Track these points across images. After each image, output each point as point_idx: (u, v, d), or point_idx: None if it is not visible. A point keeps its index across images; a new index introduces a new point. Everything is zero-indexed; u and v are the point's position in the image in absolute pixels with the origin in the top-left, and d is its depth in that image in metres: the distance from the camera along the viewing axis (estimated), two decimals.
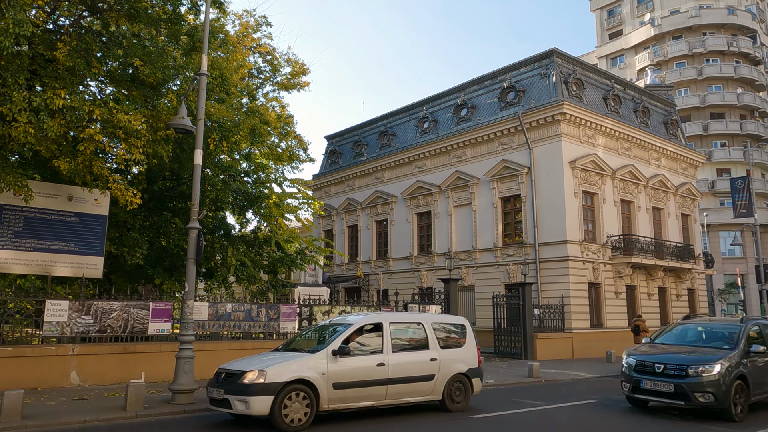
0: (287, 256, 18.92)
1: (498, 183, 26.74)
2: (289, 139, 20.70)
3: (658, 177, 29.15)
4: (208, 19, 11.69)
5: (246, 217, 18.99)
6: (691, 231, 31.60)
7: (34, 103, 9.88)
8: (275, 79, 22.12)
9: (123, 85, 13.07)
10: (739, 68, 50.30)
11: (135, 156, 11.55)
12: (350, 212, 35.22)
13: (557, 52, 26.40)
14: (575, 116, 24.85)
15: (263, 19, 21.08)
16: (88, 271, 13.40)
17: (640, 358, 10.75)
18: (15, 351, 11.53)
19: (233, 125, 15.08)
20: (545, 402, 11.74)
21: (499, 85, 28.20)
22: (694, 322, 12.55)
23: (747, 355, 10.38)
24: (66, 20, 12.69)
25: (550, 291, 23.90)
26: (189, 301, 10.72)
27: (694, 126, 49.52)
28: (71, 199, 13.44)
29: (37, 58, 11.25)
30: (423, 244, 30.51)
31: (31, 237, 12.90)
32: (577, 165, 24.69)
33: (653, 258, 26.36)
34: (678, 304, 29.10)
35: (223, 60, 15.74)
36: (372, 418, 9.68)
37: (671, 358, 10.37)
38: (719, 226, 46.85)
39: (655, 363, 10.36)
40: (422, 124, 31.77)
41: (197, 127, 11.18)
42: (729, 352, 10.24)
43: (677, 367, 10.01)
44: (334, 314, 16.70)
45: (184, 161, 16.08)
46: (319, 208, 22.80)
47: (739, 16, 51.50)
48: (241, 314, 14.86)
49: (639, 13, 56.67)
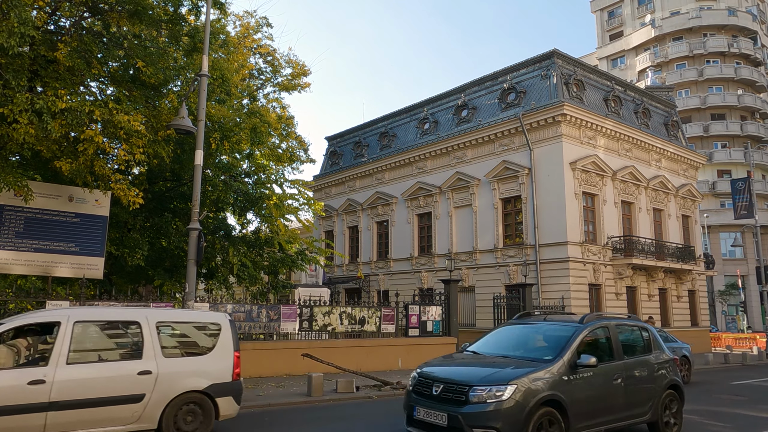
0: (288, 257, 18.92)
1: (498, 184, 26.74)
2: (290, 139, 20.69)
3: (659, 178, 29.14)
4: (209, 20, 11.71)
5: (247, 218, 18.98)
6: (692, 232, 31.59)
7: (37, 105, 9.90)
8: (276, 80, 22.12)
9: (124, 85, 13.08)
10: (739, 69, 50.32)
11: (136, 156, 11.56)
12: (351, 213, 35.22)
13: (558, 53, 26.42)
14: (576, 117, 24.86)
15: (264, 20, 21.10)
16: (88, 272, 13.40)
17: (424, 371, 7.58)
18: None
19: (234, 125, 15.08)
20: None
21: (500, 86, 28.21)
22: (523, 322, 8.92)
23: (572, 371, 7.16)
24: (67, 21, 12.70)
25: (551, 292, 23.89)
26: (189, 302, 10.73)
27: (695, 127, 49.53)
28: (72, 200, 13.44)
29: (38, 59, 11.26)
30: (423, 245, 30.51)
31: (32, 237, 12.90)
32: (578, 166, 24.69)
33: (654, 259, 26.35)
34: (679, 305, 29.09)
35: (224, 61, 15.74)
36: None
37: (454, 374, 7.33)
38: (720, 228, 46.83)
39: (435, 381, 7.22)
40: (423, 125, 31.78)
41: (198, 127, 11.19)
42: (541, 366, 7.05)
43: (456, 389, 6.90)
44: (334, 315, 16.71)
45: (185, 162, 16.09)
46: (320, 209, 22.79)
47: (739, 18, 51.52)
48: (242, 315, 14.87)
49: (639, 15, 56.70)
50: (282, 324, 15.54)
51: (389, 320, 17.92)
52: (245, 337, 14.93)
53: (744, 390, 14.93)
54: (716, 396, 13.71)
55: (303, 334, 16.07)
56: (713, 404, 12.34)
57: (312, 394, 11.71)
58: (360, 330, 17.28)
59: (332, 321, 16.64)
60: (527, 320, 9.05)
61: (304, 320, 16.05)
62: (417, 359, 17.87)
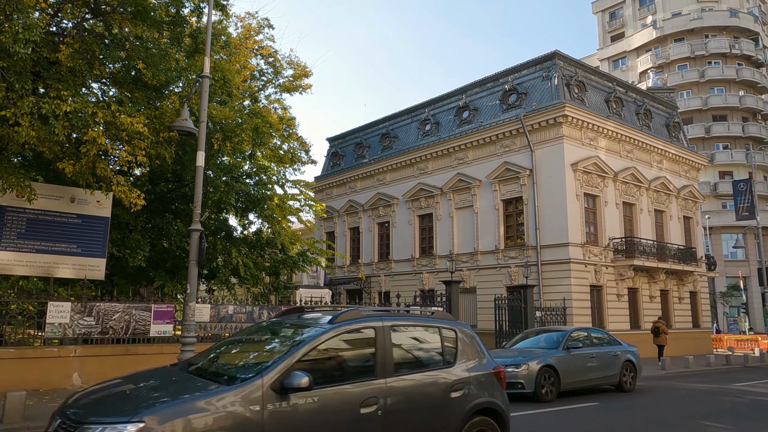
0: (289, 258, 18.94)
1: (500, 185, 26.74)
2: (291, 141, 20.73)
3: (660, 179, 29.12)
4: (210, 22, 11.72)
5: (248, 219, 18.99)
6: (693, 233, 31.55)
7: (44, 110, 9.93)
8: (277, 81, 22.17)
9: (126, 87, 13.10)
10: (741, 71, 50.30)
11: (138, 158, 11.58)
12: (352, 214, 35.23)
13: (559, 54, 26.42)
14: (577, 118, 24.86)
15: (265, 21, 21.14)
16: (90, 273, 13.42)
17: None
18: (17, 352, 11.55)
19: (236, 126, 15.10)
20: (547, 404, 11.73)
21: (501, 88, 28.21)
22: (279, 321, 6.39)
23: (277, 398, 4.59)
24: (69, 23, 12.73)
25: (552, 293, 23.88)
26: (191, 302, 10.73)
27: (696, 128, 49.51)
28: (74, 201, 13.47)
29: (41, 61, 11.28)
30: (425, 246, 30.51)
31: (34, 239, 12.92)
32: (579, 167, 24.69)
33: (655, 260, 26.32)
34: (680, 306, 29.05)
35: (226, 62, 15.77)
36: None
37: None
38: (721, 229, 46.79)
39: None
40: (424, 126, 31.79)
41: (199, 129, 11.20)
42: (221, 391, 4.54)
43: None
44: None
45: (187, 163, 16.11)
46: (321, 210, 22.80)
47: (741, 19, 51.49)
48: (243, 316, 14.88)
49: (641, 16, 56.70)
50: None
51: None
52: None
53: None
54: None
55: None
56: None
57: None
58: None
59: None
60: (287, 318, 6.38)
61: None
62: None
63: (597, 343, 14.00)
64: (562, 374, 12.28)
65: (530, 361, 12.03)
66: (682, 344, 26.43)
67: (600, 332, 14.88)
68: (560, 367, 12.30)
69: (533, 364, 11.95)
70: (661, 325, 22.49)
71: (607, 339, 14.59)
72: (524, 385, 11.74)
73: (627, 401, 12.58)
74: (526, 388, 11.74)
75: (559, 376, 12.21)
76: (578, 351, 13.06)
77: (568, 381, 12.45)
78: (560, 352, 12.72)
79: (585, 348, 13.35)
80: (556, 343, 13.19)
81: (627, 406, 11.90)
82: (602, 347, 13.94)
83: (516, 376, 11.77)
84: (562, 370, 12.30)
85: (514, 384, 11.62)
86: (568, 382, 12.49)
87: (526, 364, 11.92)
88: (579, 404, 11.89)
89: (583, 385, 13.14)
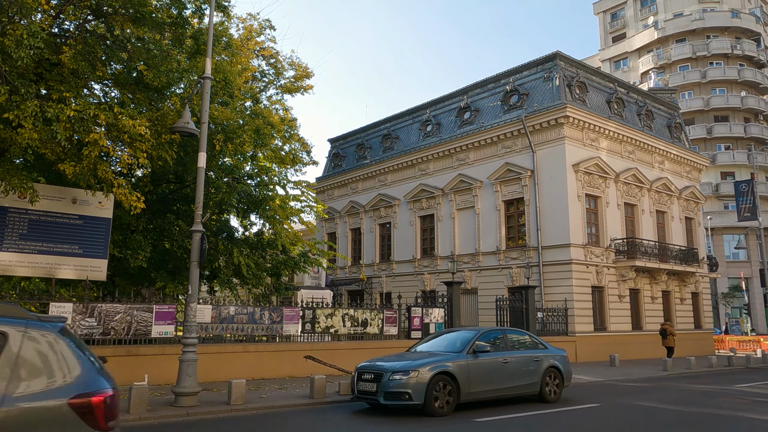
0: (290, 259, 18.95)
1: (501, 186, 26.74)
2: (293, 142, 20.72)
3: (662, 180, 29.09)
4: (212, 23, 11.74)
5: (250, 220, 19.00)
6: (695, 234, 31.52)
7: (48, 114, 9.95)
8: (279, 83, 22.19)
9: (127, 88, 13.12)
10: (743, 71, 50.26)
11: (140, 160, 11.60)
12: (353, 215, 35.24)
13: (560, 55, 26.42)
14: (578, 119, 24.85)
15: (267, 22, 21.15)
16: (91, 274, 13.44)
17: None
18: None
19: (237, 127, 15.12)
20: (548, 406, 11.71)
21: (502, 89, 28.21)
22: None
23: None
24: (71, 24, 12.75)
25: (554, 294, 23.86)
26: (192, 303, 10.74)
27: (698, 129, 49.48)
28: (75, 202, 13.49)
29: (43, 62, 11.31)
30: (426, 247, 30.51)
31: (36, 240, 12.94)
32: (581, 168, 24.67)
33: (657, 261, 26.29)
34: (682, 307, 29.02)
35: (227, 63, 15.79)
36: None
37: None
38: (723, 230, 46.74)
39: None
40: (425, 127, 31.80)
41: (201, 130, 11.21)
42: None
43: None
44: (337, 317, 16.71)
45: (188, 164, 16.12)
46: (322, 211, 22.79)
47: (743, 19, 51.46)
48: (244, 317, 14.88)
49: (642, 17, 56.67)
50: (285, 326, 15.55)
51: (392, 322, 17.91)
52: (248, 339, 14.95)
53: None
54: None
55: (305, 336, 16.07)
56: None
57: (314, 396, 11.71)
58: (362, 332, 17.27)
59: (335, 323, 16.64)
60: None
61: (306, 322, 16.06)
62: None
63: (515, 347, 12.20)
64: (464, 383, 10.53)
65: (421, 367, 10.23)
66: (684, 345, 26.38)
67: (520, 333, 13.16)
68: (461, 375, 10.54)
69: (424, 371, 10.15)
70: (668, 327, 22.63)
71: (529, 342, 12.69)
72: (411, 396, 9.94)
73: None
74: (413, 399, 9.94)
75: (459, 385, 10.44)
76: (487, 356, 11.20)
77: (472, 391, 10.69)
78: (463, 357, 10.84)
79: (497, 352, 11.54)
80: (461, 346, 11.28)
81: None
82: (520, 351, 12.14)
83: (403, 385, 10.00)
84: (463, 379, 10.54)
85: (400, 394, 9.96)
86: (473, 392, 10.71)
87: (416, 370, 10.11)
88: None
89: (493, 395, 11.24)
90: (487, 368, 11.09)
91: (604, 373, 18.64)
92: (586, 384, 16.11)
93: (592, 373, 18.52)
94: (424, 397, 9.96)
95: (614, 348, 23.12)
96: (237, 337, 14.83)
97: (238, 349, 14.16)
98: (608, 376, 17.60)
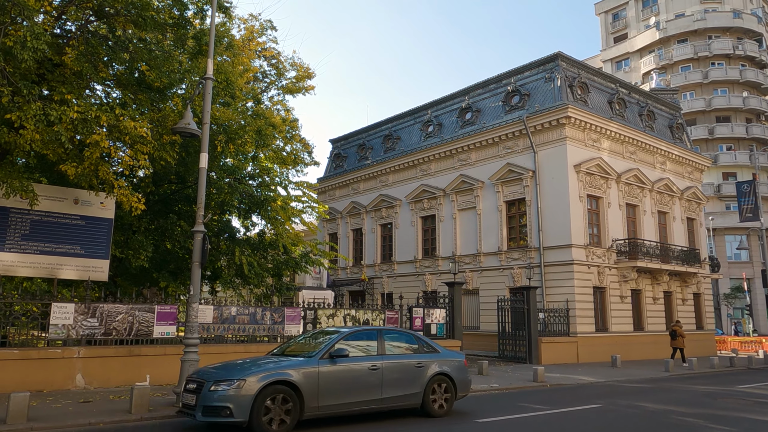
0: (292, 260, 18.96)
1: (503, 186, 26.73)
2: (294, 142, 20.74)
3: (664, 181, 29.07)
4: (214, 24, 11.76)
5: (251, 221, 19.01)
6: (697, 235, 31.48)
7: (51, 117, 9.98)
8: (280, 83, 22.21)
9: (129, 88, 13.14)
10: (744, 72, 50.21)
11: (140, 162, 11.62)
12: (355, 215, 35.25)
13: (562, 55, 26.41)
14: (580, 120, 24.83)
15: (268, 23, 21.18)
16: (93, 274, 13.46)
17: None
18: (21, 353, 11.59)
19: (239, 128, 15.14)
20: (549, 407, 11.71)
21: (504, 89, 28.21)
22: None
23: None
24: (72, 25, 12.78)
25: (555, 295, 23.85)
26: (194, 304, 10.75)
27: (700, 129, 49.43)
28: (77, 203, 13.51)
29: (45, 63, 11.33)
30: (427, 247, 30.51)
31: (38, 240, 12.97)
32: (582, 169, 24.66)
33: (658, 262, 26.27)
34: (684, 308, 28.98)
35: (229, 64, 15.81)
36: None
37: None
38: (725, 230, 46.68)
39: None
40: (427, 127, 31.80)
41: (203, 131, 11.23)
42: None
43: None
44: (338, 318, 16.71)
45: (190, 164, 16.15)
46: (324, 212, 22.80)
47: (744, 20, 51.41)
48: (246, 317, 14.89)
49: (644, 17, 56.63)
50: (286, 326, 15.56)
51: (393, 323, 17.91)
52: (249, 339, 14.96)
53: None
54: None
55: None
56: None
57: None
58: None
59: (336, 323, 16.65)
60: None
61: (308, 323, 16.06)
62: None
63: (392, 351, 10.17)
64: (310, 395, 8.71)
65: (250, 375, 8.39)
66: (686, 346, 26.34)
67: (402, 335, 10.98)
68: (307, 385, 8.70)
69: (252, 381, 8.29)
70: (678, 328, 22.71)
71: (414, 345, 10.64)
72: (233, 412, 8.11)
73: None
74: (235, 416, 8.12)
75: (303, 397, 8.63)
76: (348, 361, 9.35)
77: (322, 404, 8.86)
78: (314, 363, 8.99)
79: (365, 357, 9.68)
80: (315, 350, 9.42)
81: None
82: (399, 356, 10.14)
83: (225, 398, 8.18)
84: (309, 390, 8.71)
85: (219, 410, 8.14)
86: (323, 406, 8.88)
87: (242, 380, 8.27)
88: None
89: (355, 408, 9.32)
90: (348, 376, 9.27)
91: (606, 373, 18.63)
92: (588, 384, 16.10)
93: (593, 373, 18.52)
94: (250, 412, 8.14)
95: (616, 349, 23.11)
96: (238, 338, 14.84)
97: (240, 350, 14.17)
98: (610, 377, 17.59)
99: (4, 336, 11.78)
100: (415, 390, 9.99)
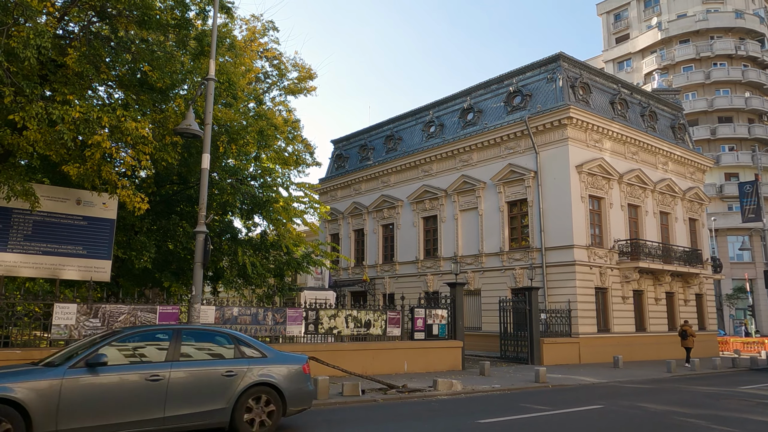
0: (294, 260, 18.96)
1: (504, 187, 26.72)
2: (296, 143, 20.74)
3: (666, 181, 29.04)
4: (216, 25, 11.79)
5: (253, 221, 19.01)
6: (699, 235, 31.44)
7: (54, 116, 10.00)
8: (282, 84, 22.20)
9: (131, 89, 13.15)
10: (747, 72, 50.11)
11: (142, 163, 11.63)
12: (356, 216, 35.26)
13: (564, 56, 26.40)
14: (582, 120, 24.82)
15: (270, 24, 21.17)
16: (96, 275, 13.48)
17: None
18: (23, 354, 11.59)
19: (241, 128, 15.16)
20: (551, 407, 11.70)
21: (506, 90, 28.21)
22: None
23: None
24: (75, 26, 12.80)
25: (557, 295, 23.83)
26: (196, 304, 10.77)
27: (702, 130, 49.35)
28: (80, 203, 13.53)
29: (48, 64, 11.35)
30: (429, 248, 30.51)
31: (40, 240, 12.99)
32: (584, 169, 24.64)
33: (660, 263, 26.24)
34: (686, 309, 28.94)
35: (231, 65, 15.81)
36: None
37: None
38: (727, 231, 46.59)
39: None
40: (428, 128, 31.81)
41: (205, 131, 11.25)
42: None
43: None
44: (340, 318, 16.72)
45: (192, 165, 16.15)
46: (325, 212, 22.80)
47: (746, 20, 51.32)
48: (248, 318, 14.90)
49: (646, 17, 56.57)
50: (288, 327, 15.56)
51: (395, 323, 17.92)
52: None
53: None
54: None
55: (309, 337, 16.09)
56: None
57: (317, 397, 11.71)
58: (366, 333, 17.28)
59: (338, 324, 16.65)
60: None
61: (309, 323, 16.07)
62: (423, 363, 17.87)
63: (192, 356, 8.16)
64: (44, 417, 6.75)
65: None
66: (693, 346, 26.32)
67: (211, 334, 8.79)
68: (39, 404, 6.74)
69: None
70: (688, 328, 22.73)
71: (230, 348, 8.52)
72: None
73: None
74: None
75: (31, 420, 6.67)
76: (116, 371, 7.40)
77: (64, 428, 6.90)
78: (58, 374, 7.03)
79: (142, 366, 7.68)
80: (68, 357, 7.45)
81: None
82: (196, 363, 8.12)
83: None
84: (42, 410, 6.75)
85: None
86: (67, 431, 6.92)
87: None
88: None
89: (124, 430, 7.28)
90: (111, 391, 7.28)
91: (608, 374, 18.61)
92: (590, 385, 16.09)
93: (595, 374, 18.50)
94: None
95: (618, 349, 23.08)
96: None
97: None
98: (612, 378, 17.58)
99: (6, 336, 11.79)
100: (218, 405, 7.94)
